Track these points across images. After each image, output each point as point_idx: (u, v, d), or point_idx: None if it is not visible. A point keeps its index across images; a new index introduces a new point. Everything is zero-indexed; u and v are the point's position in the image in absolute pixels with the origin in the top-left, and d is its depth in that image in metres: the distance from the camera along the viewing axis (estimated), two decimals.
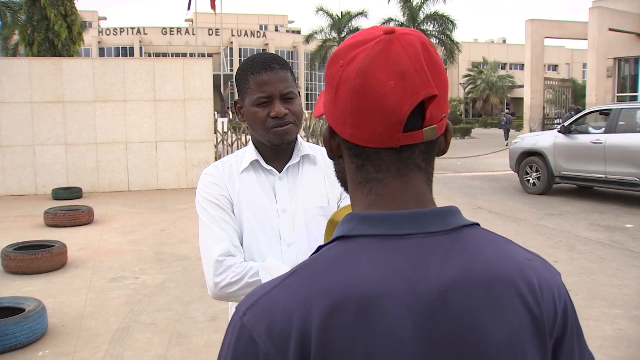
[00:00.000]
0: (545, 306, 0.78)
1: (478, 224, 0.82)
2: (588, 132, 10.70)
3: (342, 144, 0.82)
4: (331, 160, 0.90)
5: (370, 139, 0.77)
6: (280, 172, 1.75)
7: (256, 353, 0.71)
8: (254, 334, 0.72)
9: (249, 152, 1.76)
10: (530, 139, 11.98)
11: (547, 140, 11.29)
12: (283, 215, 1.71)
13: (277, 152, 1.74)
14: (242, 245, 1.68)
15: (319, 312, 0.70)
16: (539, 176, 11.36)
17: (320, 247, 0.79)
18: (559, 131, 11.14)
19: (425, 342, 0.71)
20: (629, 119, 10.23)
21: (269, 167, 1.75)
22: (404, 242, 0.75)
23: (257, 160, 1.74)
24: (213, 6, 32.76)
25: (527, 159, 11.61)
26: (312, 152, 1.79)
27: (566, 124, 11.19)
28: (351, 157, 0.81)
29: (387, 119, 0.74)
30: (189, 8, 43.46)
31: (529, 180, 11.59)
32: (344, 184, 0.90)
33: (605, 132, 10.23)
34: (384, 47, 0.75)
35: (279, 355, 0.70)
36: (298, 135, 1.78)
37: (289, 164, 1.75)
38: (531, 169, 11.53)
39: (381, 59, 0.75)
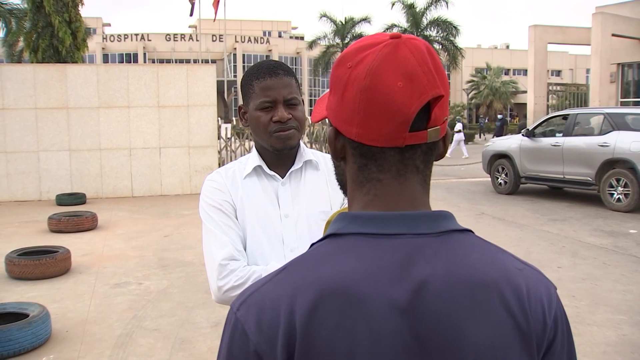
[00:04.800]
0: (533, 316, 0.78)
1: (471, 231, 0.83)
2: (551, 135, 11.54)
3: (346, 145, 0.84)
4: (332, 165, 0.92)
5: (377, 139, 0.79)
6: (283, 178, 1.76)
7: (247, 345, 0.74)
8: (246, 327, 0.75)
9: (252, 158, 1.77)
10: (500, 142, 13.00)
11: (514, 143, 12.21)
12: (286, 221, 1.71)
13: (280, 158, 1.75)
14: (245, 250, 1.69)
15: (304, 303, 0.73)
16: (508, 177, 12.27)
17: (312, 245, 0.82)
18: (523, 135, 11.98)
19: (405, 339, 0.73)
20: (584, 123, 11.05)
21: (272, 173, 1.75)
22: (391, 241, 0.77)
23: (260, 166, 1.76)
24: (216, 4, 32.84)
25: (497, 161, 12.53)
26: (314, 158, 1.81)
27: (530, 128, 12.09)
28: (355, 157, 0.83)
29: (394, 118, 0.76)
30: (191, 14, 43.70)
31: (499, 181, 12.42)
32: (343, 186, 0.92)
33: (564, 135, 11.07)
34: (392, 50, 0.78)
35: (268, 346, 0.73)
36: (300, 142, 1.79)
37: (292, 169, 1.76)
38: (501, 171, 12.41)
39: (390, 61, 0.77)
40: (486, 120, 35.91)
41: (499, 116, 21.78)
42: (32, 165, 12.01)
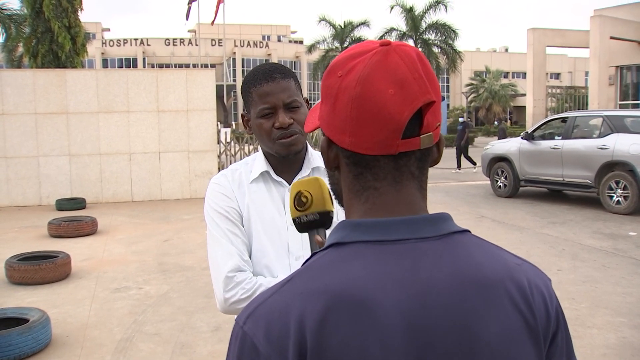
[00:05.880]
0: (537, 309, 0.79)
1: (469, 231, 0.84)
2: (550, 138, 11.55)
3: (340, 154, 0.84)
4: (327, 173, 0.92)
5: (370, 147, 0.78)
6: (290, 184, 1.71)
7: (258, 358, 0.73)
8: (255, 340, 0.74)
9: (259, 162, 1.74)
10: (499, 145, 12.98)
11: (513, 146, 12.23)
12: (292, 229, 1.63)
13: (286, 163, 1.72)
14: (250, 257, 1.67)
15: (314, 313, 0.72)
16: (507, 180, 12.26)
17: (314, 254, 0.81)
18: (522, 138, 12.01)
19: (417, 344, 0.73)
20: (583, 126, 11.10)
21: (279, 179, 1.72)
22: (396, 247, 0.77)
23: (267, 172, 1.72)
24: (217, 6, 32.96)
25: (497, 164, 12.53)
26: (322, 164, 1.77)
27: (530, 130, 12.14)
28: (349, 166, 0.83)
29: (387, 126, 0.76)
30: (187, 18, 43.77)
31: (499, 184, 12.42)
32: (338, 196, 0.91)
33: (563, 138, 11.09)
34: (382, 57, 0.78)
35: (279, 358, 0.72)
36: (308, 146, 1.76)
37: (299, 176, 1.72)
38: (500, 174, 12.41)
39: (380, 68, 0.77)
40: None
41: (460, 119, 20.14)
42: (32, 171, 12.01)
